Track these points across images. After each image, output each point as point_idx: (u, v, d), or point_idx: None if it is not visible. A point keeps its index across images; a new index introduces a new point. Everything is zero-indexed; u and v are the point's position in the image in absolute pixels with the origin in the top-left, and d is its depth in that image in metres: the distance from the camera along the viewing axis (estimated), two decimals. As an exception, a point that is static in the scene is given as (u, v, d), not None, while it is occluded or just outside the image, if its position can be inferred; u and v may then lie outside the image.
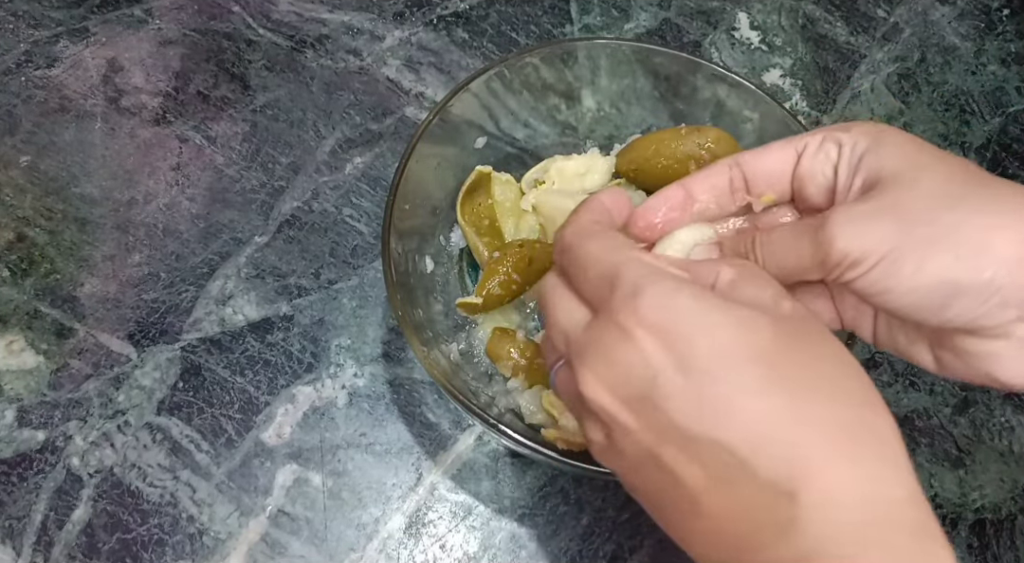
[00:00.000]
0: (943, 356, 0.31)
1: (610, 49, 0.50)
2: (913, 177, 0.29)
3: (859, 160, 0.31)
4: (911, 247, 0.28)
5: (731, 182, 0.34)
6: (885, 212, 0.29)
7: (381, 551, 0.47)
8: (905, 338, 0.33)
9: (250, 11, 0.65)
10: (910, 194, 0.29)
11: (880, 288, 0.29)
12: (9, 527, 0.46)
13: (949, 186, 0.29)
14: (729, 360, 0.25)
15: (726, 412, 0.25)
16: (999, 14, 0.71)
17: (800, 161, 0.33)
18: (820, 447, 0.24)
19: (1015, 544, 0.49)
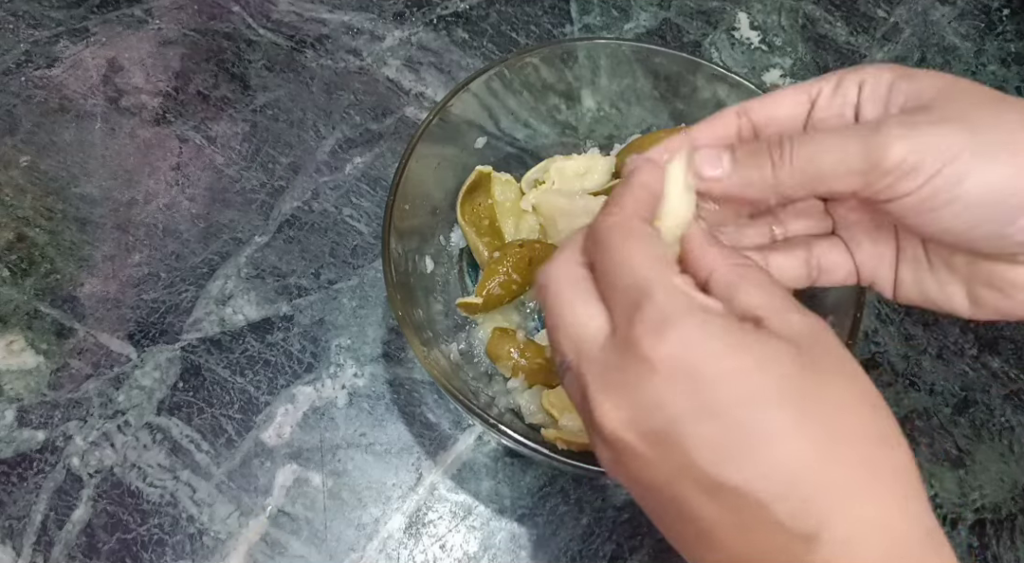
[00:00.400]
0: (981, 294, 0.29)
1: (610, 49, 0.50)
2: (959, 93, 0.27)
3: (888, 91, 0.29)
4: (976, 154, 0.26)
5: (739, 131, 0.32)
6: (947, 119, 0.26)
7: (381, 551, 0.47)
8: (934, 280, 0.31)
9: (250, 11, 0.65)
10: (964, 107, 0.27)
11: (937, 201, 0.26)
12: (9, 527, 0.46)
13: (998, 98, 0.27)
14: (755, 406, 0.24)
15: (750, 459, 0.24)
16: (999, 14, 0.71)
17: (815, 105, 0.30)
18: (842, 488, 0.23)
19: (1015, 544, 0.49)
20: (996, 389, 0.54)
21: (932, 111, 0.27)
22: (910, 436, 0.52)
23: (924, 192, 0.26)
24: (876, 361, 0.54)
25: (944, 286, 0.31)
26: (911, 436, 0.52)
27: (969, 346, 0.55)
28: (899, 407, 0.53)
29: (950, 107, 0.27)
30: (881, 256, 0.32)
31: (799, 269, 0.33)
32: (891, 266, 0.32)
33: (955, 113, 0.27)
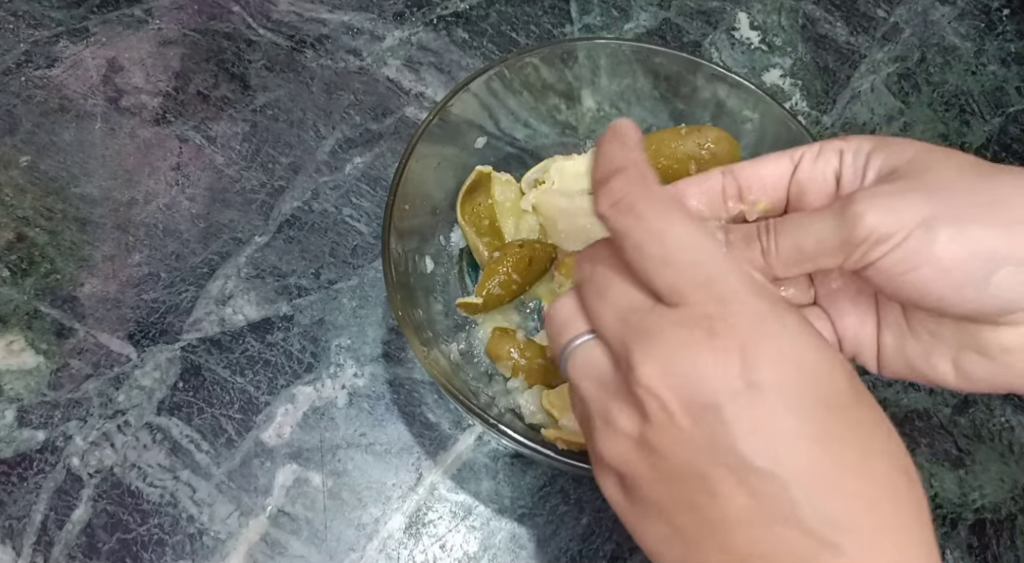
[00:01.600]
0: (969, 361, 0.29)
1: (610, 49, 0.50)
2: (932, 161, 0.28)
3: (866, 160, 0.30)
4: (947, 215, 0.26)
5: (724, 189, 0.33)
6: (915, 187, 0.27)
7: (381, 551, 0.47)
8: (919, 348, 0.31)
9: (250, 11, 0.65)
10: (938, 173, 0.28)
11: (911, 264, 0.27)
12: (9, 527, 0.46)
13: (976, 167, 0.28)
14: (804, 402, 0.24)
15: (792, 450, 0.23)
16: (999, 14, 0.71)
17: (799, 167, 0.32)
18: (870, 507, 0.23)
19: (1015, 544, 0.49)
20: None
21: (903, 179, 0.28)
22: (910, 436, 0.52)
23: (895, 256, 0.27)
24: (876, 361, 0.54)
25: (928, 355, 0.31)
26: (911, 436, 0.52)
27: (969, 346, 0.55)
28: (899, 407, 0.53)
29: (921, 175, 0.28)
30: (862, 325, 0.33)
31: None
32: (873, 336, 0.32)
33: (925, 180, 0.28)
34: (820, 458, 0.23)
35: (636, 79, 0.52)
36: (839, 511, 0.23)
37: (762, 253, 0.30)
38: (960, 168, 0.28)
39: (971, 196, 0.27)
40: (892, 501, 0.24)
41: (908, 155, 0.29)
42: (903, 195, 0.27)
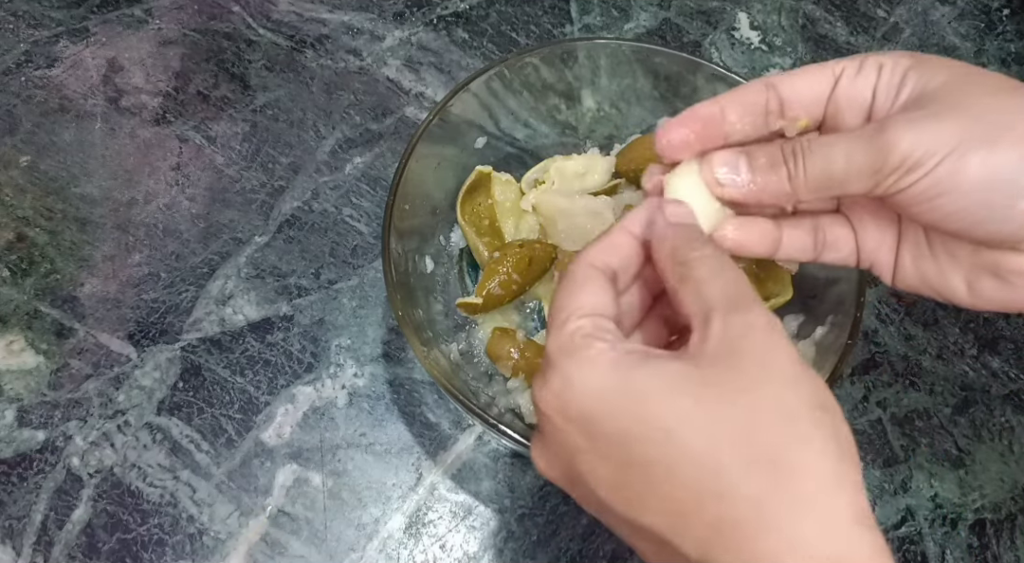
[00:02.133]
0: (981, 281, 0.30)
1: (610, 49, 0.50)
2: (966, 83, 0.28)
3: (902, 78, 0.30)
4: (976, 141, 0.26)
5: (767, 103, 0.32)
6: (947, 111, 0.27)
7: (381, 551, 0.47)
8: (935, 267, 0.31)
9: (250, 11, 0.65)
10: (968, 96, 0.28)
11: (938, 190, 0.27)
12: (9, 527, 0.46)
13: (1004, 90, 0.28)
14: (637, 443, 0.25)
15: (643, 495, 0.25)
16: (999, 14, 0.71)
17: (839, 83, 0.31)
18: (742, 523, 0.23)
19: (1015, 544, 0.49)
20: (996, 389, 0.54)
21: (935, 102, 0.28)
22: (910, 436, 0.52)
23: (926, 182, 0.27)
24: (876, 361, 0.54)
25: (944, 273, 0.31)
26: (911, 436, 0.52)
27: (969, 346, 0.55)
28: (899, 407, 0.53)
29: (954, 96, 0.28)
30: (883, 239, 0.33)
31: (807, 239, 0.34)
32: (892, 250, 0.33)
33: (957, 102, 0.28)
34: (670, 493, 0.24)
35: (636, 79, 0.52)
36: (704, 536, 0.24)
37: (788, 177, 0.30)
38: (995, 88, 0.28)
39: (1002, 116, 0.27)
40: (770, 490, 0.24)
41: (942, 77, 0.29)
42: (935, 120, 0.27)
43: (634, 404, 0.25)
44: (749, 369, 0.25)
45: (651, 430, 0.25)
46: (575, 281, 0.29)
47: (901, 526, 0.49)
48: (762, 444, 0.24)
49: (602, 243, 0.30)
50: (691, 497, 0.24)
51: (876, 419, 0.52)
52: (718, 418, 0.24)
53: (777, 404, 0.24)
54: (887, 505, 0.50)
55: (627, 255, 0.31)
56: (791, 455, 0.24)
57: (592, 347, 0.27)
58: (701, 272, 0.28)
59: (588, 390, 0.26)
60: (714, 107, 0.32)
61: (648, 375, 0.25)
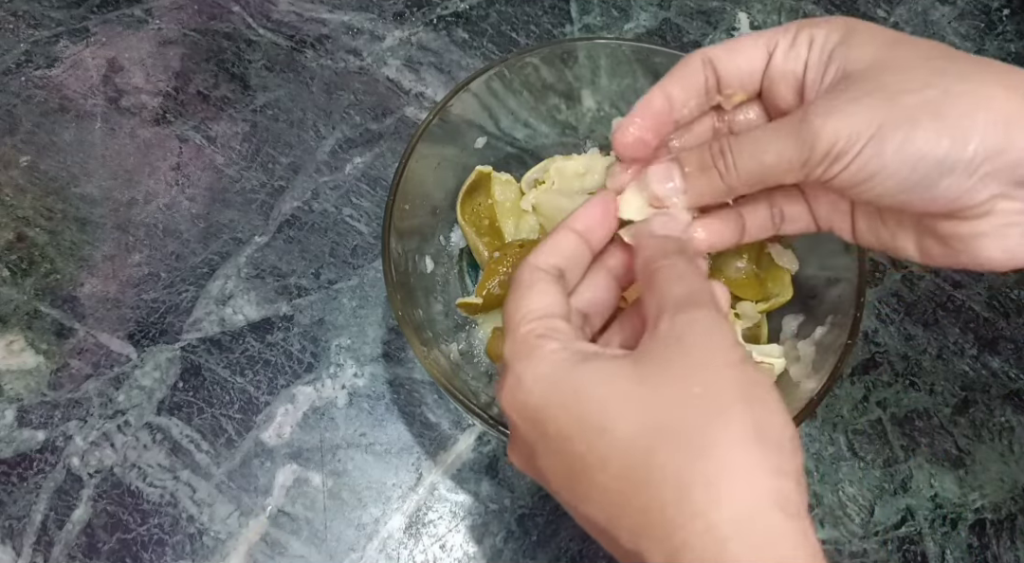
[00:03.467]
0: (927, 244, 0.31)
1: (610, 49, 0.50)
2: (888, 59, 0.29)
3: (829, 55, 0.30)
4: (894, 124, 0.27)
5: (706, 81, 0.33)
6: (865, 95, 0.28)
7: (381, 551, 0.47)
8: (887, 231, 0.32)
9: (250, 11, 0.65)
10: (889, 74, 0.28)
11: (865, 174, 0.28)
12: (9, 527, 0.46)
13: (927, 62, 0.28)
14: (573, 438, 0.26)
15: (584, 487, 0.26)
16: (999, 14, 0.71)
17: (772, 60, 0.32)
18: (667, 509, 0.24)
19: (1015, 544, 0.49)
20: (996, 389, 0.54)
21: (856, 83, 0.29)
22: (910, 436, 0.52)
23: (852, 168, 0.28)
24: (876, 361, 0.54)
25: (895, 236, 0.32)
26: (911, 436, 0.52)
27: (969, 346, 0.55)
28: (899, 407, 0.53)
29: (875, 75, 0.28)
30: (836, 207, 0.34)
31: (766, 219, 0.35)
32: (847, 215, 0.34)
33: (878, 82, 0.28)
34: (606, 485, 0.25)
35: (636, 79, 0.52)
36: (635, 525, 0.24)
37: (720, 176, 0.31)
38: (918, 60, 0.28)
39: (920, 94, 0.27)
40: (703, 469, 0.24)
41: (868, 53, 0.29)
42: (855, 105, 0.28)
43: (572, 399, 0.26)
44: (683, 361, 0.26)
45: (587, 424, 0.26)
46: (521, 285, 0.30)
47: (901, 526, 0.49)
48: (685, 430, 0.24)
49: (546, 245, 0.32)
50: (623, 487, 0.24)
51: (876, 419, 0.52)
52: (647, 408, 0.25)
53: (703, 392, 0.25)
54: (887, 505, 0.50)
55: (572, 253, 0.32)
56: (711, 439, 0.24)
57: (543, 347, 0.28)
58: (663, 277, 0.29)
59: (535, 387, 0.27)
60: (660, 96, 0.33)
61: (587, 371, 0.27)
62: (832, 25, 0.31)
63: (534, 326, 0.29)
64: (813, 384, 0.42)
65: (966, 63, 0.28)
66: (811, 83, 0.31)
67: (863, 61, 0.29)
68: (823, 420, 0.52)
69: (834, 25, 0.31)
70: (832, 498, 0.50)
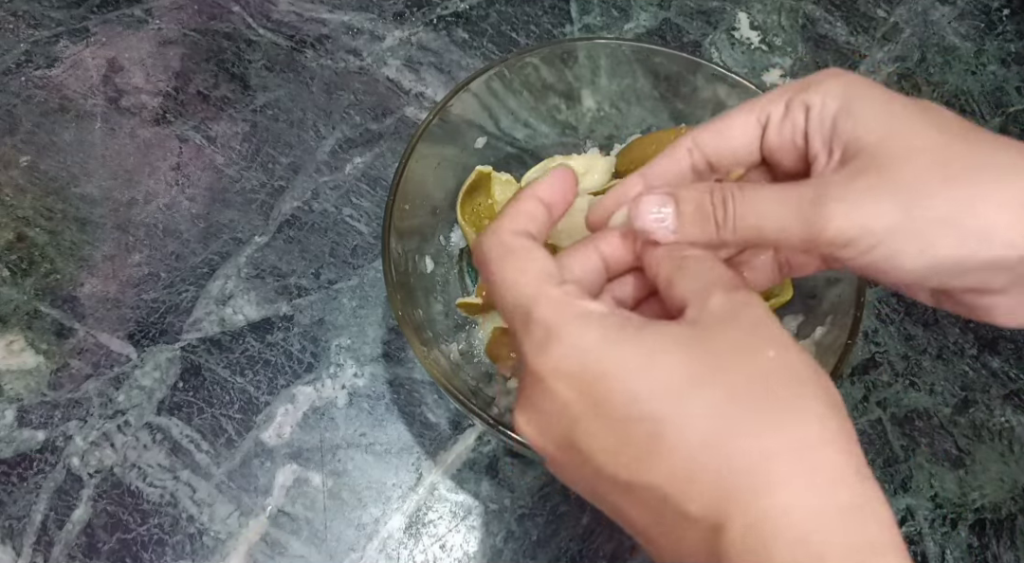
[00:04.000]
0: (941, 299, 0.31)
1: (610, 49, 0.50)
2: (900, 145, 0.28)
3: (832, 126, 0.29)
4: (913, 229, 0.27)
5: (693, 167, 0.32)
6: (882, 190, 0.27)
7: (381, 551, 0.47)
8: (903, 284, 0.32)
9: (250, 11, 0.65)
10: (903, 167, 0.27)
11: (879, 268, 0.28)
12: (9, 527, 0.46)
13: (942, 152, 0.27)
14: (644, 400, 0.24)
15: (648, 454, 0.24)
16: (999, 14, 0.71)
17: (766, 134, 0.31)
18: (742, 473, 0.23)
19: (1015, 544, 0.49)
20: (996, 389, 0.54)
21: (866, 172, 0.28)
22: (910, 436, 0.52)
23: (862, 261, 0.28)
24: (876, 361, 0.54)
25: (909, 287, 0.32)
26: (911, 436, 0.52)
27: (969, 346, 0.55)
28: (899, 407, 0.53)
29: (889, 166, 0.27)
30: None
31: (771, 270, 0.34)
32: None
33: (892, 177, 0.27)
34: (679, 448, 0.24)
35: (636, 79, 0.52)
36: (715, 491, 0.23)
37: (716, 228, 0.29)
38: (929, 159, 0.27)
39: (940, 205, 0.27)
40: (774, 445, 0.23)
41: (875, 132, 0.28)
42: (872, 200, 0.27)
43: (643, 361, 0.25)
44: (751, 333, 0.25)
45: (663, 387, 0.24)
46: (512, 252, 0.28)
47: (901, 526, 0.49)
48: (770, 399, 0.24)
49: (515, 212, 0.30)
50: (701, 453, 0.24)
51: (876, 419, 0.52)
52: (727, 376, 0.24)
53: (781, 364, 0.25)
54: (887, 505, 0.50)
55: (542, 223, 0.30)
56: (798, 409, 0.24)
57: (593, 309, 0.26)
58: (697, 263, 0.28)
59: (597, 348, 0.25)
60: (638, 183, 0.33)
61: (655, 335, 0.25)
62: (825, 89, 0.30)
63: (569, 288, 0.27)
64: (813, 384, 0.42)
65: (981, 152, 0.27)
66: (816, 153, 0.30)
67: (872, 136, 0.28)
68: (823, 420, 0.52)
69: (827, 89, 0.30)
70: (832, 498, 0.50)
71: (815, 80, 0.30)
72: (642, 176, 0.33)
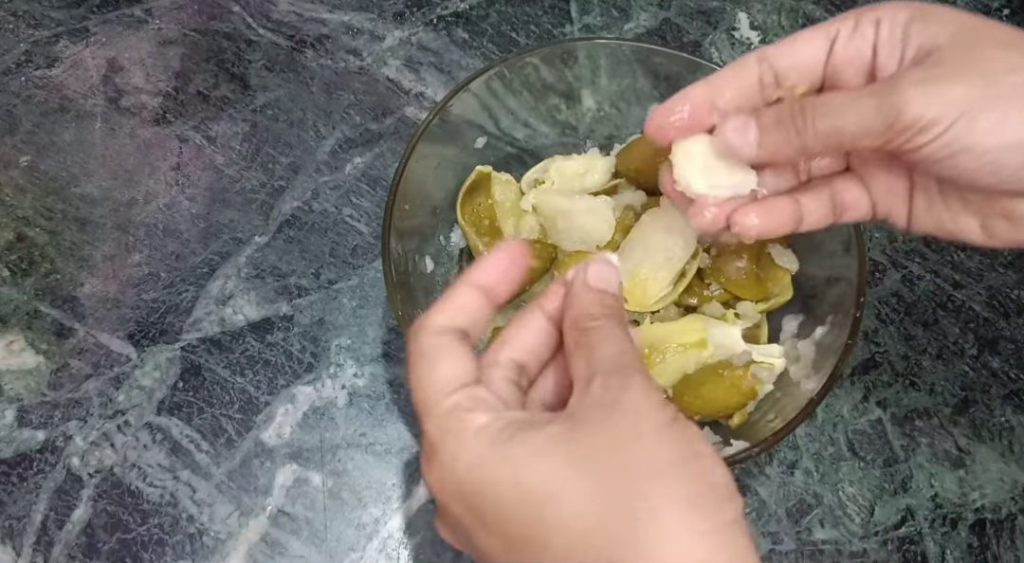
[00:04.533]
0: (995, 224, 0.31)
1: (610, 49, 0.50)
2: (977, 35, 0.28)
3: (903, 33, 0.30)
4: (989, 104, 0.27)
5: (760, 78, 0.32)
6: (958, 72, 0.27)
7: (381, 551, 0.47)
8: (949, 213, 0.32)
9: (250, 11, 0.65)
10: (980, 52, 0.28)
11: (953, 150, 0.28)
12: (9, 527, 0.46)
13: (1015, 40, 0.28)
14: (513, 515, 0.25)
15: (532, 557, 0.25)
16: (999, 14, 0.71)
17: (834, 47, 0.31)
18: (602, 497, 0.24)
19: (1015, 544, 0.49)
20: (996, 389, 0.54)
21: (944, 61, 0.28)
22: (910, 436, 0.52)
23: (939, 143, 0.28)
24: (876, 361, 0.54)
25: (957, 217, 0.32)
26: (911, 436, 0.52)
27: (969, 346, 0.55)
28: (899, 407, 0.53)
29: (964, 54, 0.28)
30: (895, 190, 0.33)
31: (826, 208, 0.35)
32: (905, 200, 0.33)
33: (968, 62, 0.28)
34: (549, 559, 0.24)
35: (636, 79, 0.52)
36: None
37: (796, 134, 0.30)
38: (1007, 43, 0.28)
39: (1015, 77, 0.27)
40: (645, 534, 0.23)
41: (950, 28, 0.29)
42: (947, 82, 0.27)
43: (511, 477, 0.25)
44: (620, 425, 0.25)
45: (530, 499, 0.25)
46: (425, 354, 0.28)
47: (901, 526, 0.49)
48: (629, 501, 0.24)
49: (444, 304, 0.30)
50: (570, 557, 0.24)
51: (876, 419, 0.52)
52: (589, 480, 0.24)
53: (642, 461, 0.24)
54: (887, 505, 0.50)
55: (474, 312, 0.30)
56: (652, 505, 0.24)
57: (472, 422, 0.27)
58: (594, 339, 0.28)
59: (469, 469, 0.26)
60: (706, 90, 0.33)
61: (523, 445, 0.25)
62: (895, 7, 0.30)
63: (458, 399, 0.27)
64: (813, 384, 0.42)
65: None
66: (885, 63, 0.30)
67: (946, 34, 0.29)
68: (823, 420, 0.52)
69: (898, 7, 0.30)
70: (832, 498, 0.50)
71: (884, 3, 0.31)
72: (708, 84, 0.33)
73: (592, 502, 0.24)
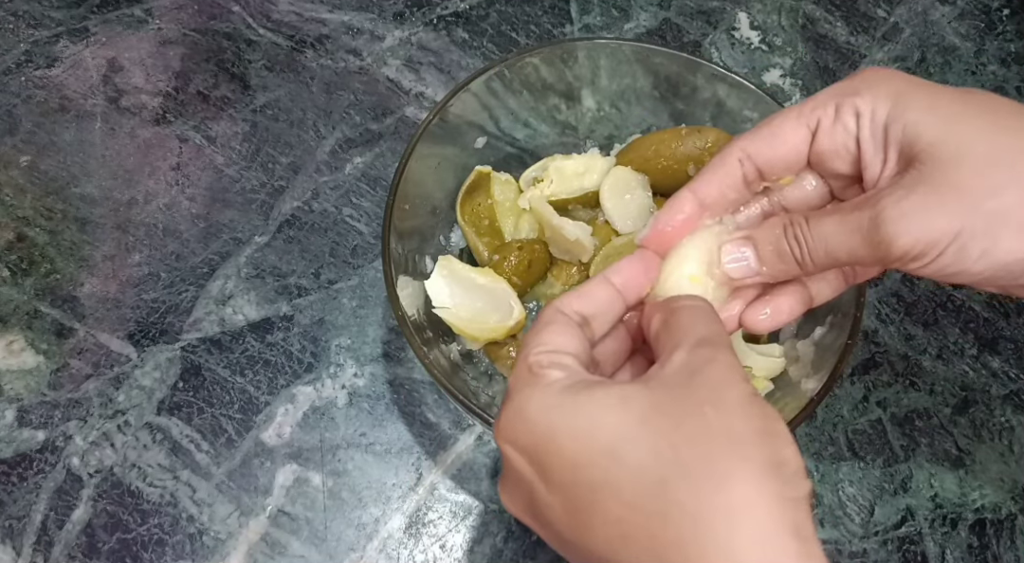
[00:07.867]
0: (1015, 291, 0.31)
1: (610, 49, 0.50)
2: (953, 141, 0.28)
3: (884, 130, 0.30)
4: (976, 231, 0.27)
5: (744, 177, 0.33)
6: (942, 198, 0.28)
7: (381, 551, 0.47)
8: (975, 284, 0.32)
9: (250, 11, 0.65)
10: (960, 170, 0.28)
11: (947, 273, 0.28)
12: (9, 527, 0.46)
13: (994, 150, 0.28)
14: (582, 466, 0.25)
15: (590, 518, 0.25)
16: (999, 14, 0.71)
17: (816, 139, 0.31)
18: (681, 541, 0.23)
19: (1015, 544, 0.49)
20: (996, 389, 0.54)
21: (926, 178, 0.28)
22: (910, 436, 0.52)
23: (932, 268, 0.28)
24: (876, 361, 0.54)
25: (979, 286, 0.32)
26: (911, 436, 0.52)
27: (969, 346, 0.55)
28: (899, 407, 0.53)
29: (944, 175, 0.28)
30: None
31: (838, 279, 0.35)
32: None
33: (948, 184, 0.28)
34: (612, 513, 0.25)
35: (636, 79, 0.52)
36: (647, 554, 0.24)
37: (797, 263, 0.31)
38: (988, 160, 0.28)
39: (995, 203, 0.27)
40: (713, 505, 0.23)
41: (929, 133, 0.29)
42: (930, 212, 0.28)
43: (582, 426, 0.25)
44: (699, 392, 0.25)
45: (596, 450, 0.25)
46: (539, 323, 0.30)
47: (901, 526, 0.49)
48: (703, 463, 0.24)
49: (576, 291, 0.31)
50: (634, 517, 0.24)
51: (876, 419, 0.52)
52: (662, 435, 0.24)
53: (722, 427, 0.25)
54: (887, 505, 0.50)
55: (603, 303, 0.31)
56: (729, 472, 0.24)
57: (546, 376, 0.27)
58: (687, 315, 0.29)
59: (538, 417, 0.26)
60: (690, 199, 0.33)
61: (595, 397, 0.26)
62: (874, 93, 0.30)
63: (540, 358, 0.28)
64: (813, 384, 0.42)
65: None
66: (870, 159, 0.31)
67: (925, 139, 0.29)
68: (823, 420, 0.52)
69: (875, 93, 0.30)
70: (832, 498, 0.50)
71: (863, 83, 0.31)
72: (692, 192, 0.33)
73: (667, 459, 0.24)
